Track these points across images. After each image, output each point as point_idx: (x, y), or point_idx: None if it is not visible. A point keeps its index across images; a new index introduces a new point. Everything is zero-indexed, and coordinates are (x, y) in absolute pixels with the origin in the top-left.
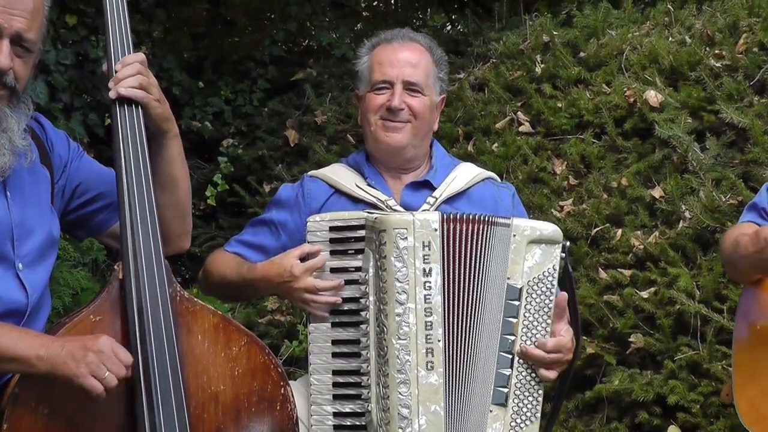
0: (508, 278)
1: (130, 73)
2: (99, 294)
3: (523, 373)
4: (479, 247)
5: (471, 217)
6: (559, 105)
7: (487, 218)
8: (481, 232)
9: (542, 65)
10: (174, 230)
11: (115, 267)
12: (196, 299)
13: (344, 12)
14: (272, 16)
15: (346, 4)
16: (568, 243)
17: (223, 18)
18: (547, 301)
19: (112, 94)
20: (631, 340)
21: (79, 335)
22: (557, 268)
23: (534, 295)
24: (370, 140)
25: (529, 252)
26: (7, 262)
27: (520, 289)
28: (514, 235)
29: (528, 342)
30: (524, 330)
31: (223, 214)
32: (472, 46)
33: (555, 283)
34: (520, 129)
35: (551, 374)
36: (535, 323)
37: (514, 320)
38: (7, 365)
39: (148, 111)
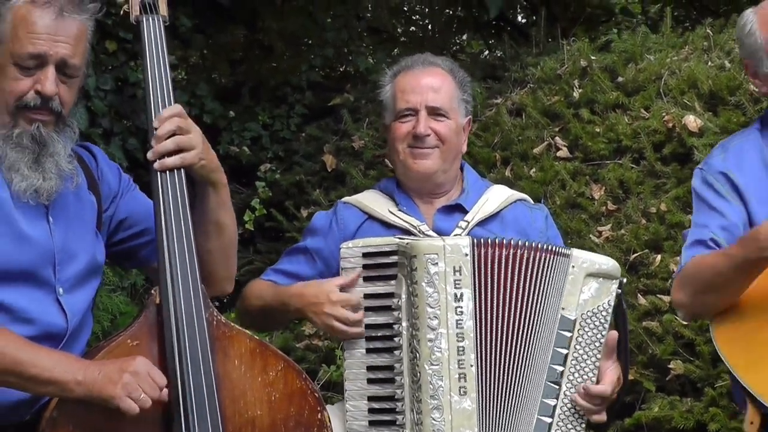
0: (563, 308)
1: (166, 132)
2: (136, 318)
3: (568, 405)
4: (524, 274)
5: (509, 242)
6: (597, 130)
7: (516, 242)
8: (511, 255)
9: (580, 90)
10: (218, 274)
11: (152, 291)
12: (232, 324)
13: (381, 38)
14: (309, 41)
15: (384, 29)
16: (624, 279)
17: (261, 43)
18: (599, 336)
19: (150, 156)
20: (670, 366)
21: (117, 359)
22: (612, 303)
23: (587, 328)
24: (400, 169)
25: (585, 285)
26: (48, 287)
27: (574, 321)
28: (573, 267)
29: (576, 374)
30: (573, 362)
31: (261, 239)
32: (510, 71)
33: (609, 318)
34: (558, 154)
35: (599, 417)
36: (585, 357)
37: (564, 351)
38: (45, 388)
39: (192, 170)
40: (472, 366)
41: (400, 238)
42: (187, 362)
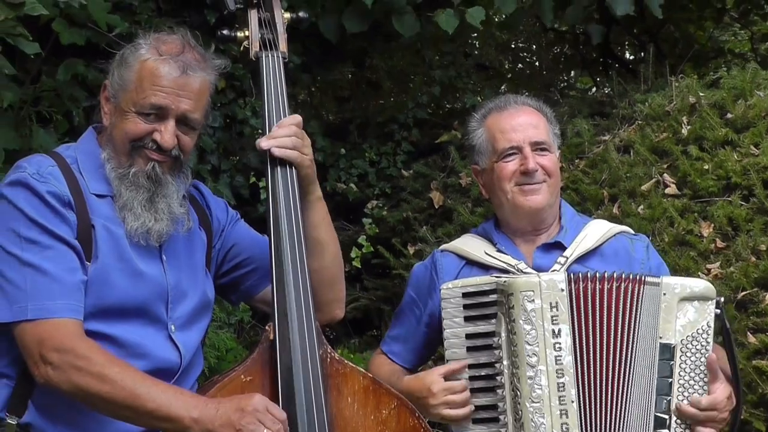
0: (660, 337)
1: (285, 133)
2: (250, 354)
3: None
4: (620, 306)
5: (598, 276)
6: (706, 167)
7: (612, 275)
8: (607, 290)
9: (689, 127)
10: (324, 297)
11: (267, 327)
12: (346, 361)
13: (488, 74)
14: (416, 78)
15: (491, 66)
16: (722, 299)
17: (368, 81)
18: (702, 359)
19: (263, 144)
20: None
21: (230, 395)
22: (711, 324)
23: (689, 354)
24: (508, 208)
25: (680, 310)
26: (160, 323)
27: (674, 348)
28: (665, 294)
29: (685, 402)
30: (680, 389)
31: (368, 276)
32: (617, 107)
33: (710, 340)
34: (666, 191)
35: None
36: (692, 382)
37: (669, 380)
38: (161, 424)
39: (300, 172)
40: (573, 402)
41: (497, 277)
42: (300, 400)
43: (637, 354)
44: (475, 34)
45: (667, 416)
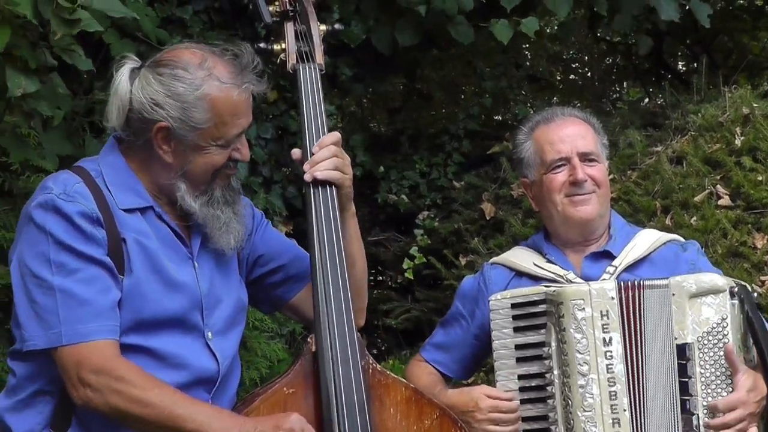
0: (676, 338)
1: (326, 156)
2: (292, 366)
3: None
4: (645, 312)
5: (648, 283)
6: (760, 178)
7: (662, 282)
8: (657, 296)
9: (742, 138)
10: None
11: (309, 339)
12: (388, 372)
13: (540, 85)
14: (467, 89)
15: (542, 77)
16: (736, 287)
17: (419, 92)
18: (720, 353)
19: (307, 177)
20: None
21: (273, 408)
22: (727, 316)
23: (705, 350)
24: (558, 219)
25: (692, 307)
26: (197, 331)
27: (691, 346)
28: (673, 294)
29: (710, 399)
30: (703, 387)
31: (419, 287)
32: (670, 119)
33: (727, 333)
34: (720, 202)
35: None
36: (713, 378)
37: (690, 380)
38: None
39: (341, 191)
40: (625, 410)
41: (546, 287)
42: (343, 411)
43: (657, 357)
44: (527, 45)
45: (693, 416)
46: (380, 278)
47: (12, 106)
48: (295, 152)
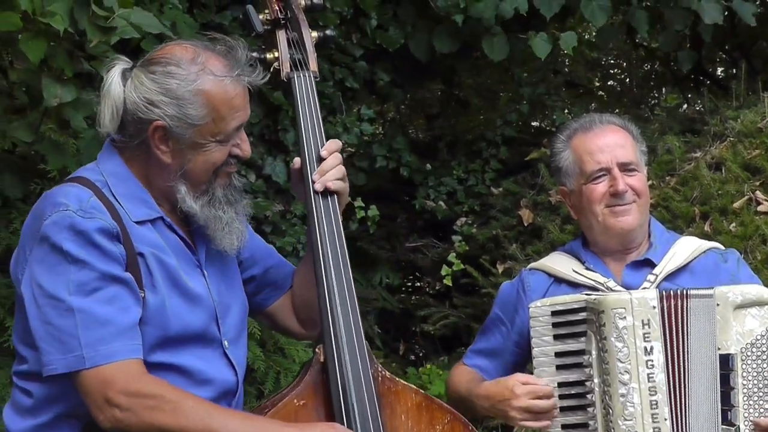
0: (719, 348)
1: (334, 164)
2: (301, 377)
3: None
4: (690, 321)
5: (690, 292)
6: None
7: (705, 291)
8: (688, 306)
9: None
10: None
11: (317, 350)
12: (398, 379)
13: (578, 92)
14: (505, 95)
15: (580, 83)
16: None
17: (457, 98)
18: (764, 365)
19: (318, 187)
20: None
21: (284, 420)
22: None
23: (748, 362)
24: (598, 230)
25: (736, 318)
26: (216, 342)
27: (733, 357)
28: (718, 304)
29: (752, 410)
30: (745, 399)
31: (457, 293)
32: (709, 125)
33: None
34: (759, 209)
35: None
36: (755, 389)
37: (732, 391)
38: None
39: (341, 199)
40: (666, 420)
41: (587, 295)
42: (355, 421)
43: (701, 368)
44: (564, 51)
45: (733, 428)
46: (418, 284)
47: (49, 113)
48: (297, 162)
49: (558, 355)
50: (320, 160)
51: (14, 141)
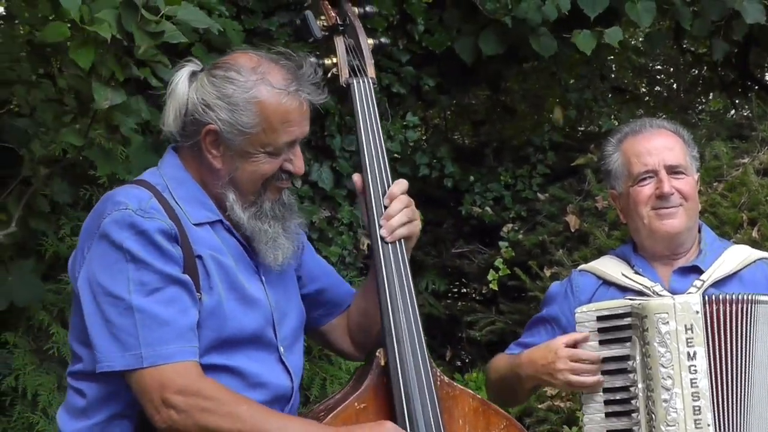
0: None
1: (398, 208)
2: (361, 380)
3: None
4: (744, 328)
5: (734, 297)
6: None
7: (749, 297)
8: (744, 311)
9: None
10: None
11: (377, 353)
12: (455, 383)
13: (625, 97)
14: (551, 101)
15: (627, 89)
16: None
17: (503, 104)
18: None
19: (385, 236)
20: None
21: (344, 424)
22: None
23: None
24: (644, 232)
25: None
26: (271, 347)
27: None
28: None
29: None
30: None
31: (504, 299)
32: (757, 130)
33: None
34: None
35: None
36: None
37: None
38: None
39: (409, 243)
40: (709, 426)
41: (631, 299)
42: (417, 425)
43: (757, 375)
44: (611, 57)
45: None
46: (464, 290)
47: (98, 119)
48: (356, 178)
49: (603, 360)
50: (382, 179)
51: (64, 147)
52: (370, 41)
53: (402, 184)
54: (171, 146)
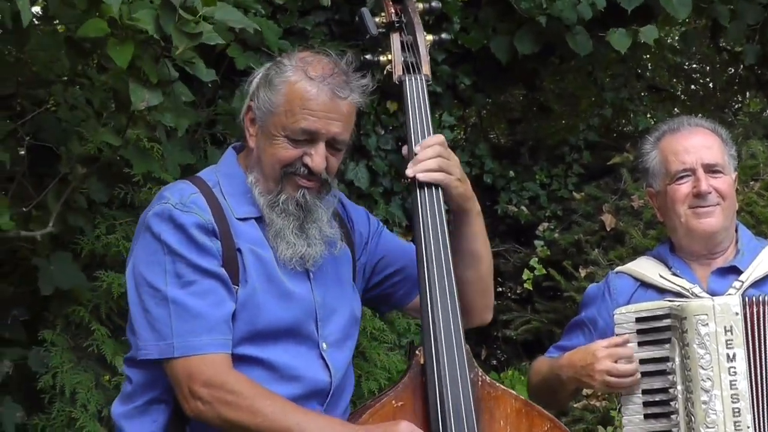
0: None
1: (429, 155)
2: (401, 379)
3: None
4: None
5: None
6: None
7: None
8: None
9: None
10: (477, 305)
11: (417, 352)
12: (497, 384)
13: (661, 96)
14: (587, 100)
15: (663, 88)
16: None
17: (539, 103)
18: None
19: (409, 173)
20: None
21: (382, 421)
22: None
23: None
24: (681, 231)
25: None
26: (312, 342)
27: None
28: None
29: None
30: None
31: (539, 298)
32: None
33: None
34: None
35: None
36: None
37: None
38: None
39: (449, 191)
40: (749, 428)
41: (670, 301)
42: (451, 425)
43: None
44: (647, 56)
45: None
46: (500, 289)
47: (135, 118)
48: (404, 150)
49: (642, 362)
50: None
51: (100, 146)
52: (430, 37)
53: (437, 137)
54: (232, 145)
